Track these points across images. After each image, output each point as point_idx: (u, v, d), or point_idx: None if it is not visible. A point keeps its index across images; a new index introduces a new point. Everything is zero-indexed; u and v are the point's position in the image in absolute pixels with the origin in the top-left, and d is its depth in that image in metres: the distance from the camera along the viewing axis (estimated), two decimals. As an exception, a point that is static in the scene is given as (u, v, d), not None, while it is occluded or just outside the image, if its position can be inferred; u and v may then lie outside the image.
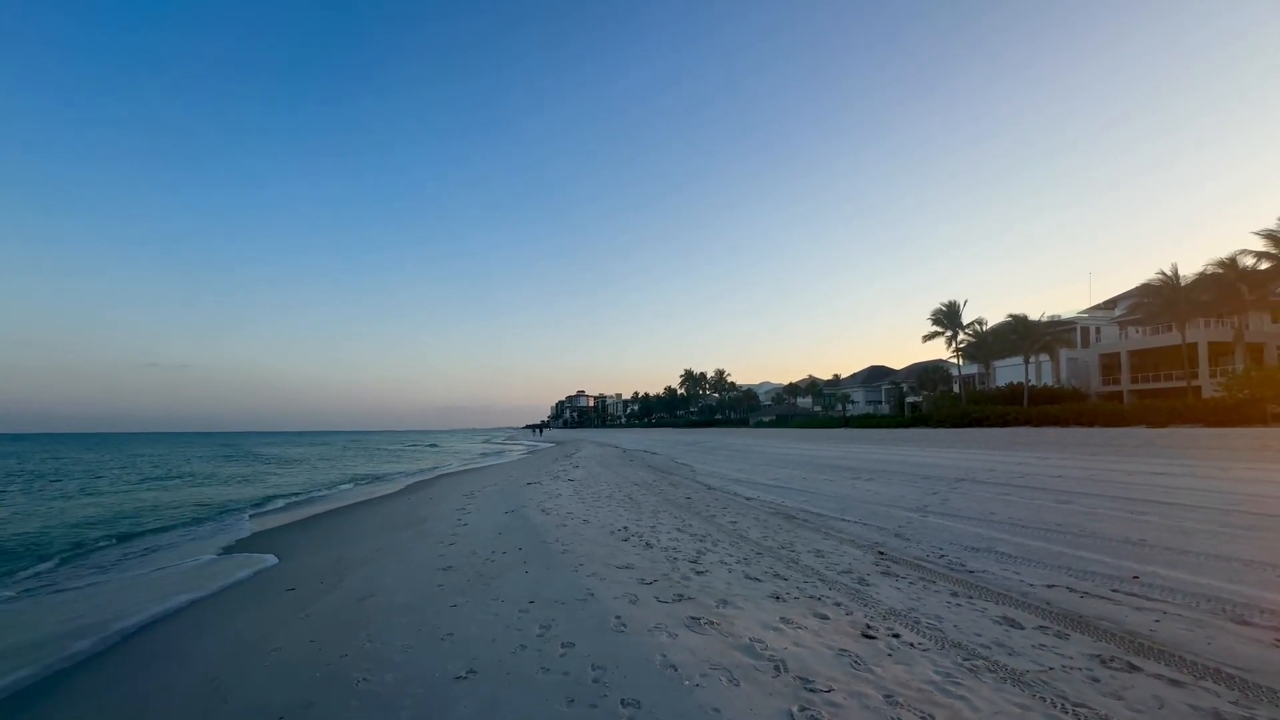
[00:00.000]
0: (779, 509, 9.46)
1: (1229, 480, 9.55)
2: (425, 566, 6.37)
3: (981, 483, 11.01)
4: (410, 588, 5.53)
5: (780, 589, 4.91)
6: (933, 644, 3.63)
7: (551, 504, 10.78)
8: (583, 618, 4.25)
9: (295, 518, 12.41)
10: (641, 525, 8.24)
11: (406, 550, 7.48)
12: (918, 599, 4.58)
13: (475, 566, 6.15)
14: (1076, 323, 52.88)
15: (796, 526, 7.94)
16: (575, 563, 5.98)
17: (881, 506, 9.13)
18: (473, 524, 9.06)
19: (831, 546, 6.66)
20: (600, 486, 13.71)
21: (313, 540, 9.33)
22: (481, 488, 14.88)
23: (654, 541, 7.00)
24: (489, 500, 12.14)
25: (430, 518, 10.25)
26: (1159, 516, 7.04)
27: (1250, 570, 4.89)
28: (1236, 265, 32.93)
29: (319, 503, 15.13)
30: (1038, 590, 4.73)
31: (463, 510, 10.75)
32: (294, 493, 17.83)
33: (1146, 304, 37.77)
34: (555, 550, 6.66)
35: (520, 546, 6.99)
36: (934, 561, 5.81)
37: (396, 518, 10.94)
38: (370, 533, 9.51)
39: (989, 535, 6.77)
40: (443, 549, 7.25)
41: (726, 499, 10.97)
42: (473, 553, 6.87)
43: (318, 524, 11.31)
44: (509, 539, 7.56)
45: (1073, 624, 3.96)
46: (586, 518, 9.00)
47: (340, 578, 6.22)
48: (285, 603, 5.52)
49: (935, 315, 51.48)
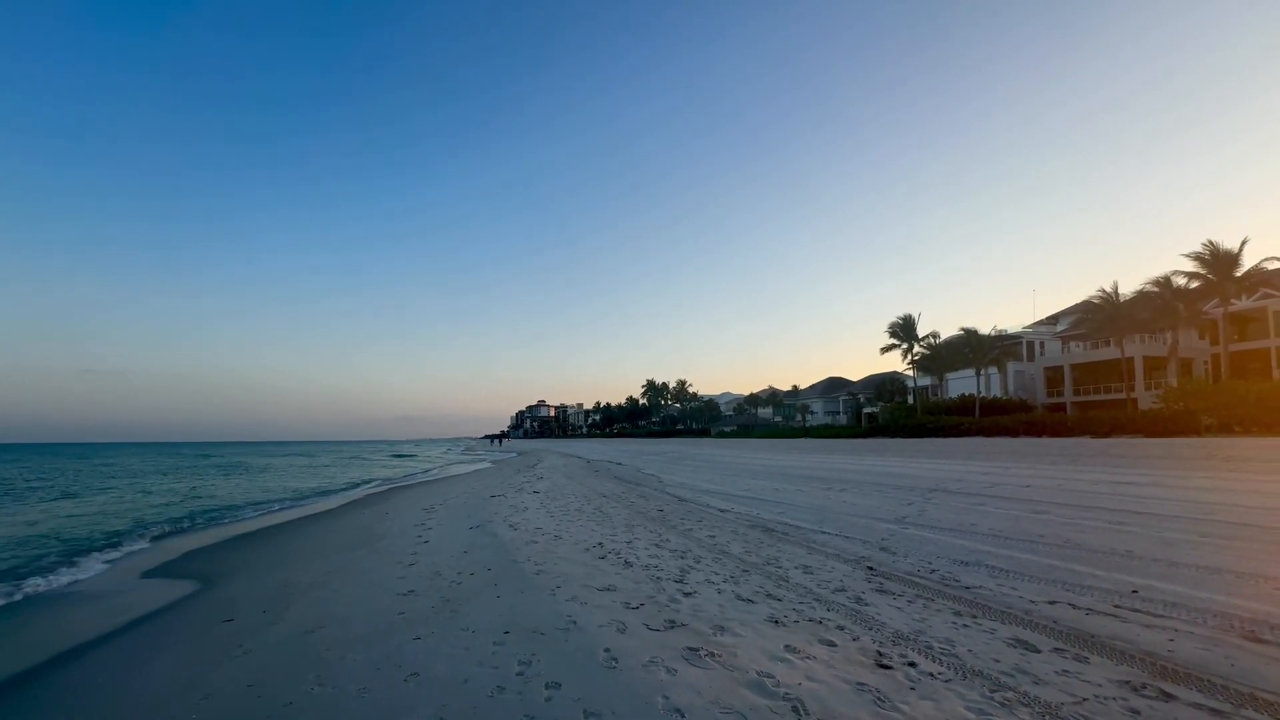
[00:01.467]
0: (756, 521, 9.19)
1: (1192, 490, 9.78)
2: (384, 591, 5.78)
3: (954, 493, 11.02)
4: (367, 616, 4.96)
5: (776, 611, 4.58)
6: (953, 673, 3.35)
7: (519, 518, 10.23)
8: (567, 651, 3.81)
9: (235, 535, 11.42)
10: (617, 541, 7.81)
11: (362, 572, 6.84)
12: (921, 620, 4.32)
13: (440, 590, 5.61)
14: (1023, 337, 55.20)
15: (777, 540, 7.66)
16: (551, 584, 5.51)
17: (859, 518, 8.96)
18: (435, 541, 8.44)
19: (818, 562, 6.39)
20: (568, 499, 13.19)
21: (255, 562, 8.52)
22: (442, 501, 14.13)
23: (633, 559, 6.59)
24: (451, 515, 11.47)
25: (388, 534, 9.55)
26: (1138, 527, 7.05)
27: (1244, 582, 4.83)
28: (1171, 284, 34.89)
29: (263, 519, 14.05)
30: (1040, 608, 4.54)
31: (423, 526, 10.08)
32: (236, 508, 16.56)
33: (1089, 320, 39.65)
34: (528, 570, 6.17)
35: (489, 566, 6.47)
36: (926, 577, 5.59)
37: (350, 535, 10.17)
38: (320, 552, 8.76)
39: (975, 548, 6.63)
40: (403, 570, 6.65)
41: (700, 511, 10.64)
42: (436, 574, 6.31)
43: (261, 543, 10.40)
44: (476, 558, 7.02)
45: (1087, 645, 3.76)
46: (558, 533, 8.51)
47: (286, 606, 5.57)
48: (221, 637, 4.86)
49: (892, 328, 52.95)
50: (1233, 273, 33.09)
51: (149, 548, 10.14)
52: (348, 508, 15.41)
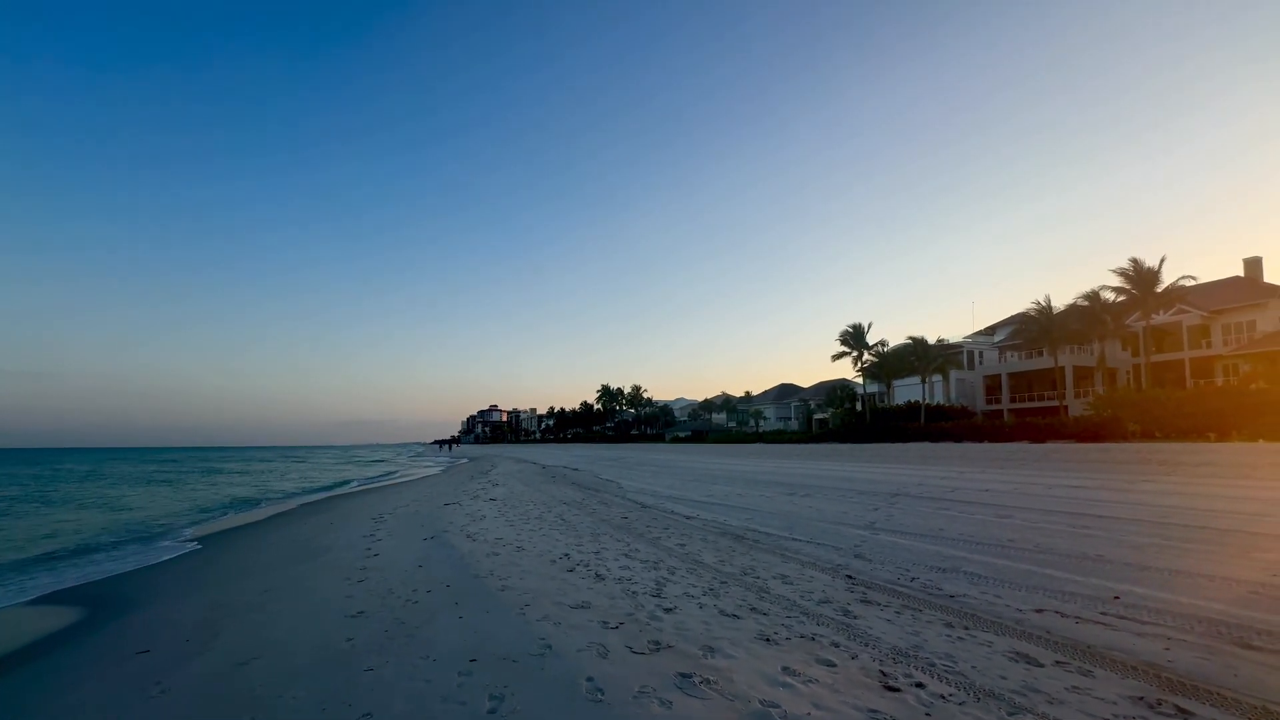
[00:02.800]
0: (724, 529, 8.96)
1: (1140, 493, 10.15)
2: (330, 613, 5.21)
3: (917, 498, 11.11)
4: (310, 644, 4.40)
5: (765, 627, 4.31)
6: (965, 694, 3.15)
7: (476, 528, 9.67)
8: (544, 681, 3.41)
9: (156, 553, 10.36)
10: (584, 551, 7.41)
11: (304, 591, 6.20)
12: (915, 633, 4.14)
13: (394, 611, 5.08)
14: (964, 346, 57.64)
15: (749, 548, 7.43)
16: (519, 602, 5.08)
17: (829, 524, 8.86)
18: (386, 554, 7.82)
19: (795, 571, 6.18)
20: (527, 506, 12.66)
21: (179, 581, 7.68)
22: (393, 510, 13.32)
23: (604, 572, 6.21)
24: (403, 524, 10.77)
25: (333, 547, 8.82)
26: (1101, 531, 7.18)
27: (1218, 586, 4.88)
28: (1099, 298, 37.06)
29: (189, 532, 12.88)
30: (1029, 616, 4.44)
31: (372, 537, 9.38)
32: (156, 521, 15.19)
33: (1026, 330, 41.73)
34: (492, 586, 5.70)
35: (448, 583, 5.96)
36: (908, 585, 5.45)
37: (290, 548, 9.37)
38: (256, 568, 7.99)
39: (949, 554, 6.57)
40: (351, 588, 6.06)
41: (666, 518, 10.34)
42: (389, 592, 5.76)
43: (187, 559, 9.45)
44: (433, 572, 6.48)
45: (1087, 656, 3.64)
46: (520, 544, 8.04)
47: (214, 633, 4.92)
48: (134, 672, 4.21)
49: (844, 336, 54.28)
50: (1154, 289, 35.45)
51: (45, 570, 9.04)
52: (287, 518, 14.37)
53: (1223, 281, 42.61)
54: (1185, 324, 40.71)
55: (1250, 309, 39.49)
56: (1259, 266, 42.58)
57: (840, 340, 54.49)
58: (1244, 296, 40.02)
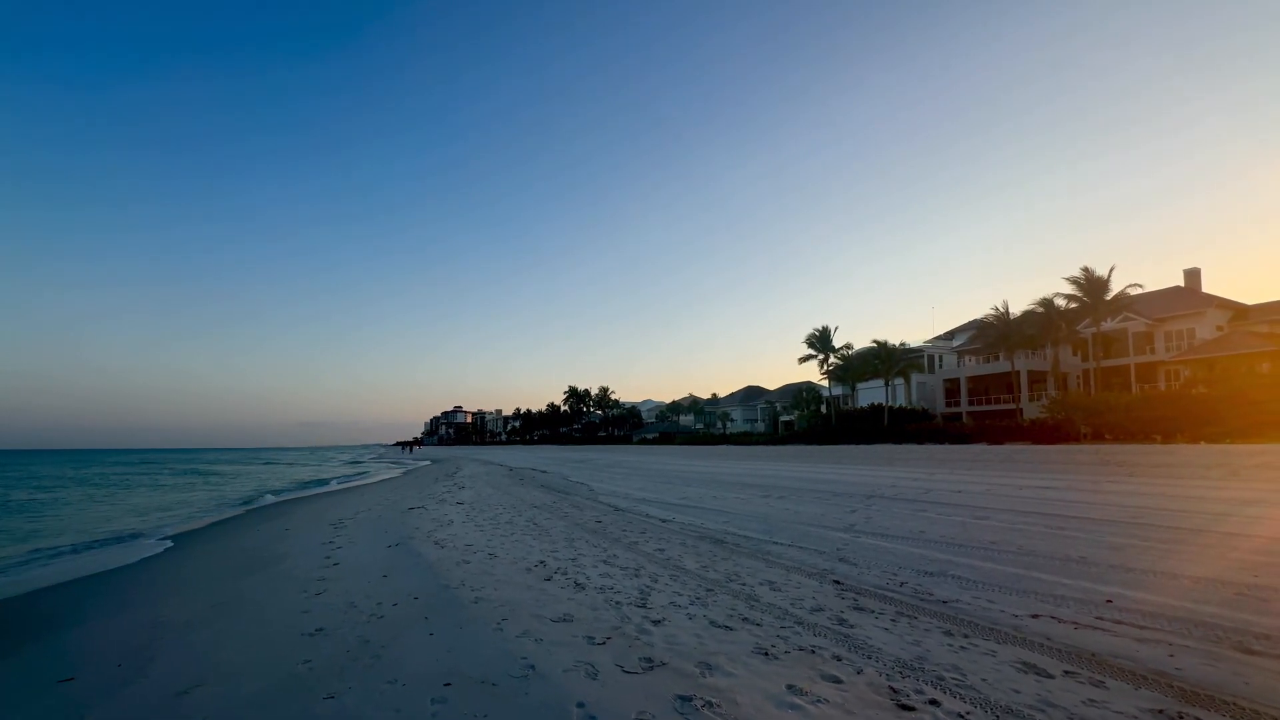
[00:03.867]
0: (702, 532, 8.74)
1: (1108, 494, 10.37)
2: (285, 630, 4.75)
3: (892, 500, 11.13)
4: (262, 667, 3.97)
5: (760, 639, 4.07)
6: (983, 712, 2.96)
7: (444, 534, 9.20)
8: (529, 709, 3.09)
9: (86, 566, 9.52)
10: (560, 558, 7.07)
11: (255, 606, 5.70)
12: (916, 643, 3.96)
13: (358, 627, 4.66)
14: (924, 351, 59.12)
15: (730, 553, 7.22)
16: (495, 615, 4.72)
17: (808, 527, 8.73)
18: (347, 563, 7.32)
19: (781, 577, 5.98)
20: (496, 510, 12.21)
21: (112, 596, 7.03)
22: (353, 515, 12.67)
23: (584, 580, 5.90)
24: (364, 530, 10.20)
25: (288, 555, 8.25)
26: (1079, 532, 7.22)
27: (1203, 588, 4.88)
28: (1053, 305, 38.47)
29: (128, 542, 11.98)
30: (1026, 622, 4.33)
31: (331, 544, 8.82)
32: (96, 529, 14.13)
33: (985, 334, 43.04)
34: (464, 598, 5.32)
35: (416, 594, 5.55)
36: (898, 591, 5.31)
37: (240, 558, 8.75)
38: (201, 581, 7.38)
39: (934, 557, 6.49)
40: (308, 601, 5.59)
41: (641, 522, 10.07)
42: (351, 605, 5.32)
43: (123, 572, 8.71)
44: (399, 583, 6.05)
45: (1094, 665, 3.52)
46: (492, 550, 7.64)
47: (150, 656, 4.42)
48: (53, 705, 3.71)
49: (810, 339, 55.05)
50: (1104, 296, 37.00)
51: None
52: (234, 525, 13.54)
53: (1165, 291, 44.76)
54: (1131, 331, 42.59)
55: (1190, 317, 41.56)
56: (1198, 277, 44.90)
57: (807, 343, 55.26)
58: (1184, 305, 42.11)
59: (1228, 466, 13.59)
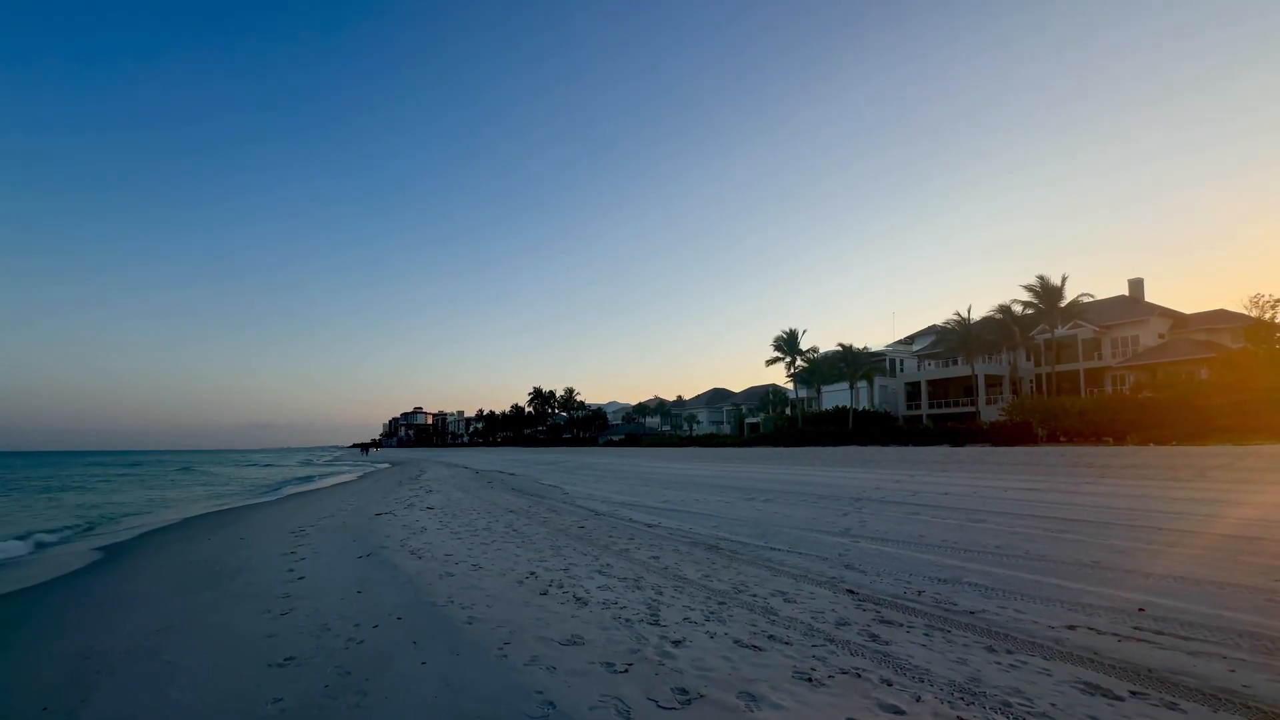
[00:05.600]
0: (694, 538, 8.38)
1: (1092, 495, 10.47)
2: (247, 660, 4.14)
3: (880, 502, 11.00)
4: (222, 707, 3.39)
5: (796, 661, 3.71)
6: (1071, 745, 2.66)
7: (419, 542, 8.58)
8: (559, 755, 2.64)
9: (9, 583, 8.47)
10: (551, 568, 6.59)
11: (211, 628, 5.03)
12: (962, 661, 3.67)
13: (334, 655, 4.10)
14: (886, 354, 60.50)
15: (730, 560, 6.88)
16: (495, 639, 4.22)
17: (803, 531, 8.47)
18: (314, 577, 6.65)
19: (790, 586, 5.66)
20: (470, 516, 11.59)
21: (36, 620, 6.18)
22: (314, 522, 11.81)
23: (583, 594, 5.43)
24: (329, 539, 9.45)
25: (244, 568, 7.49)
26: (1080, 534, 7.15)
27: (1227, 593, 4.77)
28: (1011, 311, 39.80)
29: (54, 554, 10.83)
30: (1064, 634, 4.10)
31: (294, 555, 8.08)
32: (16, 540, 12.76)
33: (947, 339, 44.23)
34: (455, 617, 4.79)
35: (399, 614, 4.98)
36: (918, 601, 5.05)
37: (187, 570, 7.92)
38: (145, 599, 6.59)
39: (943, 562, 6.28)
40: (273, 623, 4.96)
41: (626, 527, 9.65)
42: (324, 628, 4.73)
43: (50, 590, 7.75)
44: (377, 600, 5.46)
45: (1157, 684, 3.29)
46: (475, 561, 7.09)
47: (84, 695, 3.76)
48: (-39, 764, 3.05)
49: (777, 341, 55.56)
50: (1058, 303, 38.48)
51: None
52: (185, 532, 12.47)
53: (1112, 300, 46.87)
54: (1080, 338, 44.43)
55: (1134, 325, 43.63)
56: (1141, 287, 47.18)
57: (774, 346, 55.75)
58: (1129, 314, 44.19)
59: (1193, 468, 14.06)
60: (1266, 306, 34.80)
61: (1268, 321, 34.82)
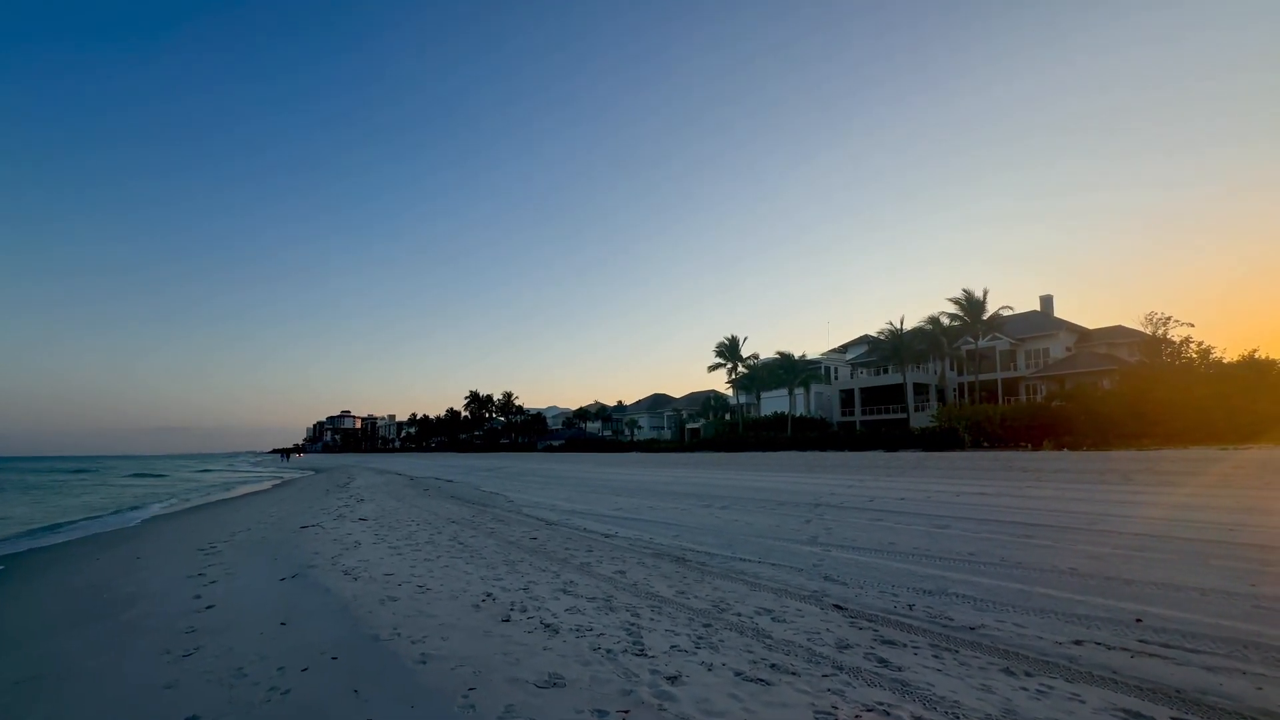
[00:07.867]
0: (657, 549, 7.91)
1: (1042, 499, 10.75)
2: (139, 717, 3.30)
3: (840, 508, 10.90)
4: (101, 797, 2.59)
5: (812, 698, 3.28)
6: (1150, 794, 2.34)
7: (352, 559, 7.65)
8: None
9: None
10: (508, 588, 5.92)
11: (90, 677, 4.08)
12: (986, 689, 3.36)
13: (251, 710, 3.32)
14: (822, 363, 62.51)
15: (701, 574, 6.45)
16: (456, 682, 3.55)
17: (769, 540, 8.17)
18: (227, 605, 5.67)
19: (773, 602, 5.28)
20: (409, 527, 10.64)
21: None
22: (228, 536, 10.47)
23: (552, 619, 4.82)
24: (245, 557, 8.31)
25: (141, 596, 6.36)
26: (1049, 540, 7.17)
27: (1213, 601, 4.74)
28: (940, 323, 41.88)
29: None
30: (1074, 651, 3.89)
31: (202, 578, 6.97)
32: None
33: (881, 348, 46.06)
34: (405, 654, 4.06)
35: (333, 652, 4.19)
36: (910, 616, 4.77)
37: (65, 599, 6.69)
38: (15, 635, 5.42)
39: (923, 572, 6.08)
40: (173, 667, 4.07)
41: (581, 537, 9.07)
42: (239, 672, 3.90)
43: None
44: (305, 633, 4.64)
45: (1191, 707, 3.08)
46: (421, 581, 6.30)
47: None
48: None
49: (719, 348, 56.24)
50: (981, 316, 40.81)
51: None
52: (58, 554, 10.79)
53: (1025, 314, 50.26)
54: (999, 349, 47.37)
55: (1045, 338, 46.92)
56: (1050, 303, 50.89)
57: (716, 352, 56.43)
58: (1040, 327, 47.52)
59: (1116, 472, 14.93)
60: (1159, 323, 38.17)
61: (1160, 337, 38.19)
